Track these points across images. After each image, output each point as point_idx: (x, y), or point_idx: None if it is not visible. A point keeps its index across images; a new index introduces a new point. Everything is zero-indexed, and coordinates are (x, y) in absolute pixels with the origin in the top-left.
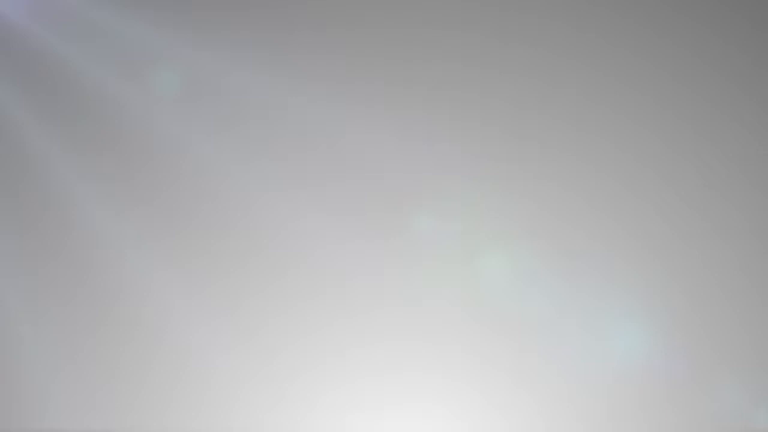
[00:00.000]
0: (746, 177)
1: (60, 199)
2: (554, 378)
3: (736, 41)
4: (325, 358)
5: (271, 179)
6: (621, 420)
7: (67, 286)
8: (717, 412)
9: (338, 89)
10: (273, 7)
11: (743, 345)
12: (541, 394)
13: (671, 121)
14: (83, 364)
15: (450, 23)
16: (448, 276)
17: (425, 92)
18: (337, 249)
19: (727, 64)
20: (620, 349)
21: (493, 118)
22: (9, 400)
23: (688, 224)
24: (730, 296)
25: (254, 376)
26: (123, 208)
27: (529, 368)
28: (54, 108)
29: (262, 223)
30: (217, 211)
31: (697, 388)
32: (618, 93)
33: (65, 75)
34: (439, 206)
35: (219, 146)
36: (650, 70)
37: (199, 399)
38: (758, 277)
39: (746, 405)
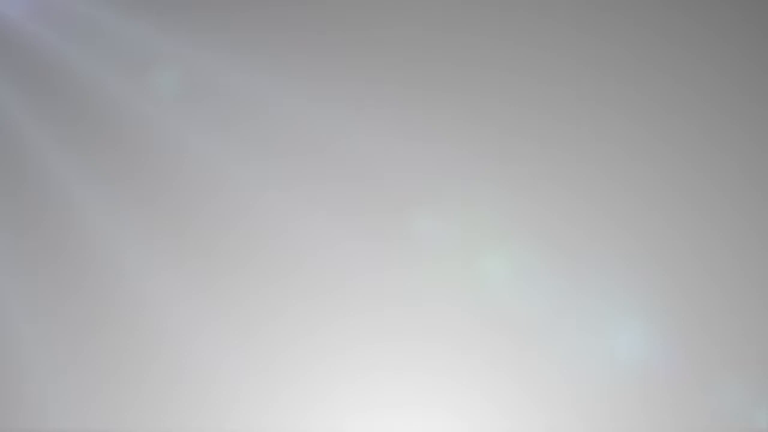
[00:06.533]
0: (747, 177)
1: (60, 199)
2: (554, 378)
3: (736, 41)
4: (325, 358)
5: (271, 179)
6: (621, 420)
7: (67, 287)
8: (717, 412)
9: (338, 89)
10: (273, 8)
11: (743, 345)
12: (541, 394)
13: (672, 121)
14: (83, 364)
15: (450, 23)
16: (449, 276)
17: (425, 93)
18: (337, 249)
19: (728, 64)
20: (621, 349)
21: (493, 118)
22: (9, 400)
23: (688, 224)
24: (730, 296)
25: (254, 376)
26: (123, 208)
27: (530, 368)
28: (54, 108)
29: (262, 223)
30: (217, 211)
31: (697, 388)
32: (618, 93)
33: (65, 75)
34: (439, 206)
35: (219, 146)
36: (651, 70)
37: (199, 399)
38: (758, 277)
39: (746, 405)
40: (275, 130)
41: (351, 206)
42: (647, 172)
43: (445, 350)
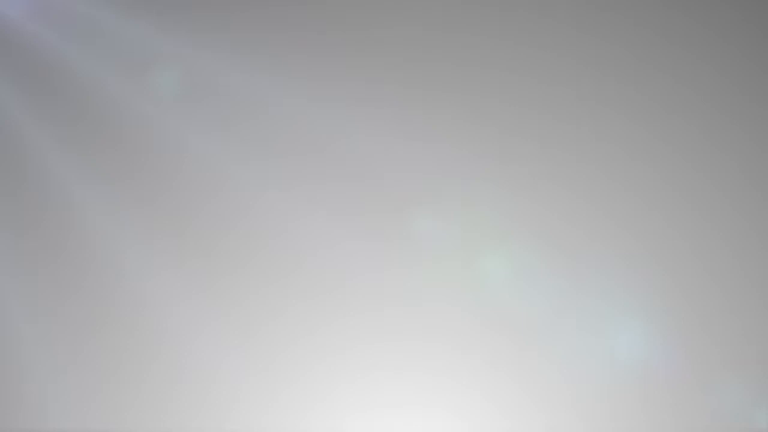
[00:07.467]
0: (747, 177)
1: (60, 199)
2: (554, 378)
3: (736, 41)
4: (325, 358)
5: (271, 179)
6: (621, 420)
7: (67, 287)
8: (717, 412)
9: (338, 89)
10: (273, 8)
11: (743, 345)
12: (541, 394)
13: (672, 121)
14: (83, 364)
15: (450, 23)
16: (449, 276)
17: (425, 93)
18: (337, 249)
19: (728, 64)
20: (620, 349)
21: (493, 118)
22: (9, 400)
23: (688, 224)
24: (730, 296)
25: (254, 376)
26: (123, 208)
27: (530, 368)
28: (54, 108)
29: (262, 223)
30: (217, 211)
31: (697, 388)
32: (618, 93)
33: (65, 75)
34: (439, 206)
35: (219, 146)
36: (651, 70)
37: (199, 399)
38: (758, 277)
39: (746, 405)
40: (275, 130)
41: (351, 206)
42: (647, 172)
43: (445, 350)
